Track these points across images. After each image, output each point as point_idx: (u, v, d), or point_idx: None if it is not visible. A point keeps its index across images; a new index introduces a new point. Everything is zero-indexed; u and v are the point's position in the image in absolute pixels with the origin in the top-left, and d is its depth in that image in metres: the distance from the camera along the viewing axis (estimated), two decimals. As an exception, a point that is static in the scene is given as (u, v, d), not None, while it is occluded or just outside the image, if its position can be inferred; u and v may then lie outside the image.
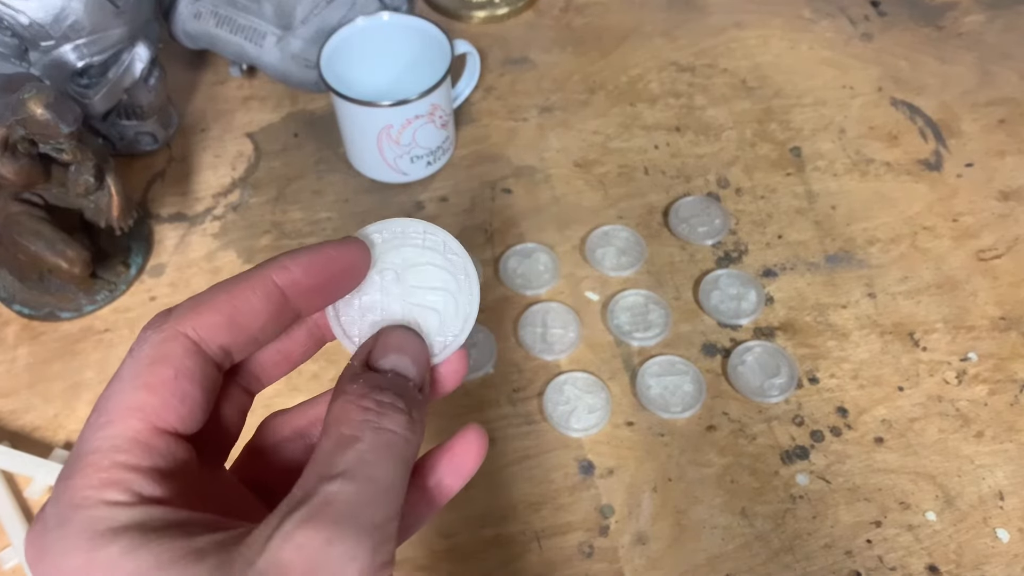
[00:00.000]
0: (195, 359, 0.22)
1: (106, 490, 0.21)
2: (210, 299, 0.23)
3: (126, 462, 0.21)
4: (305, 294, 0.24)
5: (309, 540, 0.19)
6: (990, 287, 0.54)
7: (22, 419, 0.51)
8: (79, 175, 0.49)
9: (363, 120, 0.56)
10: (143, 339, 0.23)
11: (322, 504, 0.20)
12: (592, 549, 0.45)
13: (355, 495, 0.20)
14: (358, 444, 0.21)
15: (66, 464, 0.21)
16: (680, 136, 0.64)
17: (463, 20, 0.73)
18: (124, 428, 0.21)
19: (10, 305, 0.55)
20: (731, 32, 0.71)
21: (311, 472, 0.21)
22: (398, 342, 0.25)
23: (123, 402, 0.22)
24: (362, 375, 0.24)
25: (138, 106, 0.60)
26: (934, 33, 0.70)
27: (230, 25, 0.64)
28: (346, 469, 0.21)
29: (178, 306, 0.23)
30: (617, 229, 0.57)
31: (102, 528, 0.20)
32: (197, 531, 0.20)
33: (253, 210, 0.60)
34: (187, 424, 0.22)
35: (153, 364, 0.22)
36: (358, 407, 0.22)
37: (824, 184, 0.60)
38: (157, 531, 0.20)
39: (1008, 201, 0.59)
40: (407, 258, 0.27)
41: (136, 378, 0.22)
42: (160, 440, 0.22)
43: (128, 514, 0.20)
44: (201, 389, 0.23)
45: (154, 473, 0.21)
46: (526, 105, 0.66)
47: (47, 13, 0.52)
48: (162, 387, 0.22)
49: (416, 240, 0.27)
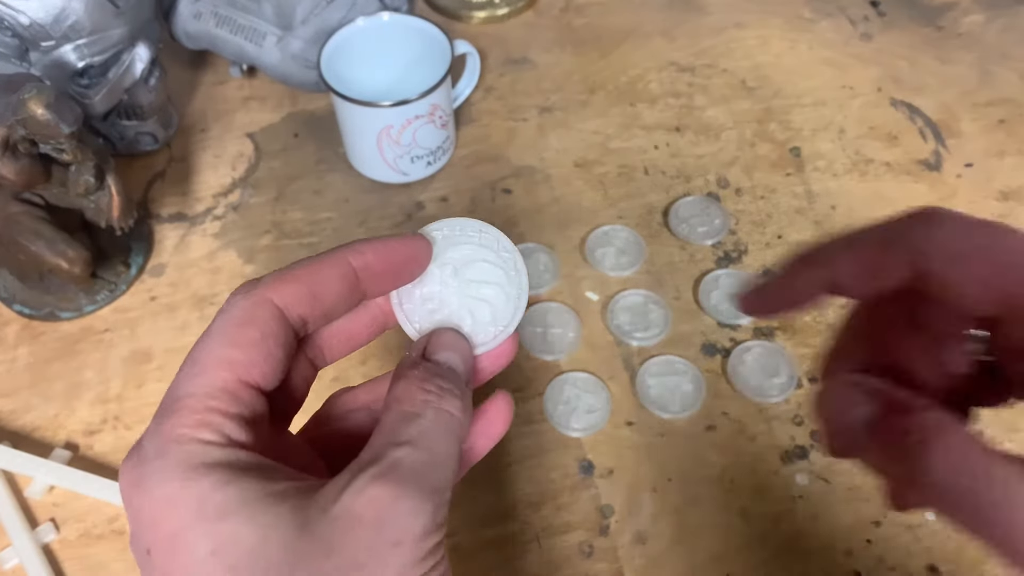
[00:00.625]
0: (279, 323, 0.25)
1: (200, 430, 0.23)
2: (294, 272, 0.26)
3: (217, 407, 0.23)
4: (374, 277, 0.27)
5: (380, 494, 0.22)
6: (990, 287, 0.54)
7: (22, 419, 0.51)
8: (79, 175, 0.49)
9: (363, 120, 0.56)
10: (232, 303, 0.25)
11: (391, 465, 0.23)
12: (592, 549, 0.45)
13: (419, 461, 0.23)
14: (421, 419, 0.24)
15: (161, 405, 0.24)
16: (680, 136, 0.64)
17: (463, 20, 0.73)
18: (215, 378, 0.24)
19: (10, 305, 0.55)
20: (731, 32, 0.71)
21: (378, 439, 0.24)
22: (450, 341, 0.28)
23: (214, 356, 0.24)
24: (422, 363, 0.26)
25: (138, 106, 0.60)
26: (934, 33, 0.70)
27: (230, 25, 0.64)
28: (411, 439, 0.23)
29: (265, 276, 0.26)
30: (617, 229, 0.57)
31: (196, 462, 0.22)
32: (276, 476, 0.23)
33: (253, 210, 0.60)
34: (268, 380, 0.25)
35: (242, 325, 0.24)
36: (420, 389, 0.25)
37: (824, 184, 0.60)
38: (244, 471, 0.22)
39: (1008, 201, 0.59)
40: (464, 254, 0.29)
41: (226, 335, 0.24)
42: (245, 392, 0.24)
43: (219, 453, 0.22)
44: (282, 350, 0.25)
45: (240, 420, 0.24)
46: (526, 105, 0.66)
47: (47, 13, 0.52)
48: (250, 346, 0.24)
49: (473, 238, 0.30)
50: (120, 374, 0.52)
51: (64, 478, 0.47)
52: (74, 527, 0.47)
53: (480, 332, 0.29)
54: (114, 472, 0.48)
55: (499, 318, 0.29)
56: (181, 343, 0.54)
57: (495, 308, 0.29)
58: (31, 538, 0.45)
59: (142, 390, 0.52)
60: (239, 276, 0.57)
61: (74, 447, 0.49)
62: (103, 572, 0.45)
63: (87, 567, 0.45)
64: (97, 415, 0.51)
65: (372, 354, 0.52)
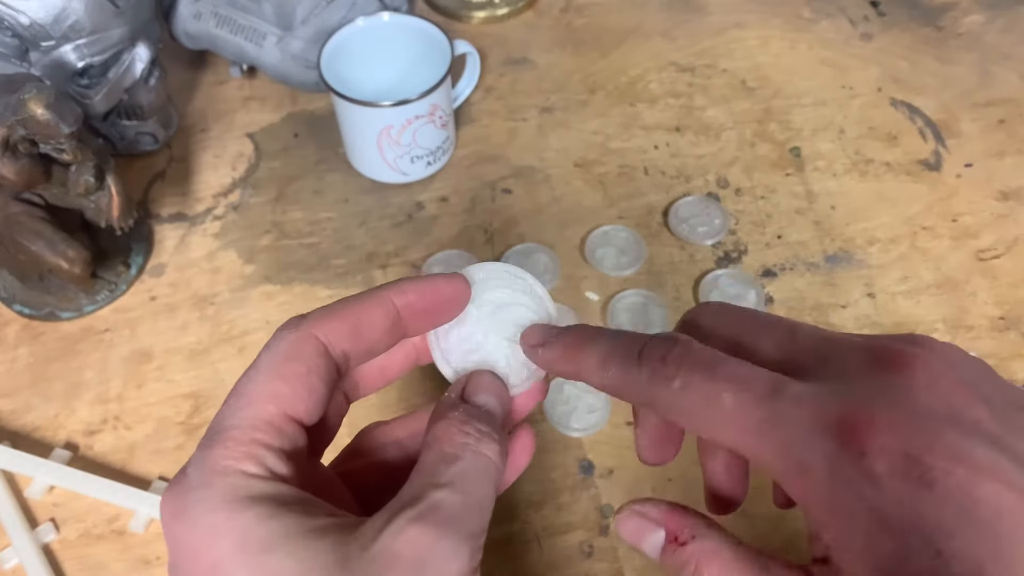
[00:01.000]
0: (323, 359, 0.25)
1: (245, 462, 0.23)
2: (340, 309, 0.26)
3: (261, 440, 0.24)
4: (415, 316, 0.28)
5: (420, 535, 0.22)
6: (990, 287, 0.54)
7: (22, 419, 0.51)
8: (79, 175, 0.49)
9: (363, 120, 0.56)
10: (280, 337, 0.26)
11: (431, 507, 0.23)
12: (592, 549, 0.45)
13: (458, 504, 0.23)
14: (460, 462, 0.24)
15: (205, 435, 0.24)
16: (680, 136, 0.64)
17: (463, 20, 0.73)
18: (261, 411, 0.24)
19: (10, 305, 0.55)
20: (731, 32, 0.71)
21: (417, 479, 0.24)
22: (488, 384, 0.28)
23: (260, 389, 0.25)
24: (461, 405, 0.27)
25: (138, 106, 0.60)
26: (934, 33, 0.70)
27: (230, 25, 0.64)
28: (450, 481, 0.24)
29: (312, 312, 0.26)
30: (617, 229, 0.57)
31: (241, 495, 0.23)
32: (317, 511, 0.23)
33: (253, 210, 0.60)
34: (311, 415, 0.25)
35: (288, 360, 0.25)
36: (460, 431, 0.25)
37: (824, 184, 0.60)
38: (286, 505, 0.23)
39: (1008, 201, 0.59)
40: (501, 297, 0.30)
41: (273, 370, 0.25)
42: (288, 425, 0.25)
43: (263, 486, 0.23)
44: (325, 386, 0.26)
45: (282, 453, 0.24)
46: (526, 105, 0.66)
47: (47, 13, 0.52)
48: (295, 380, 0.25)
49: (509, 282, 0.30)
50: (120, 374, 0.52)
51: (64, 478, 0.47)
52: (74, 527, 0.47)
53: (514, 374, 0.29)
54: (114, 472, 0.48)
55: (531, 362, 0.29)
56: (181, 343, 0.54)
57: None
58: (31, 538, 0.45)
59: (142, 390, 0.52)
60: (239, 276, 0.57)
61: (74, 447, 0.49)
62: (103, 572, 0.45)
63: (87, 567, 0.45)
64: (97, 415, 0.51)
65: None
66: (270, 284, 0.56)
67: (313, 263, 0.57)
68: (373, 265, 0.57)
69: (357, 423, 0.33)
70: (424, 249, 0.57)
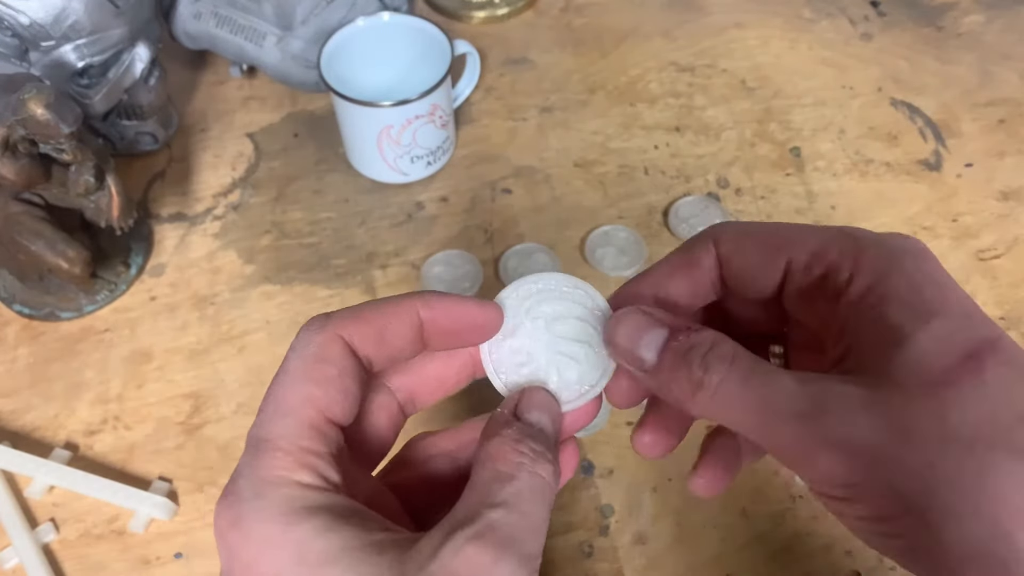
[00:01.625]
0: (352, 360, 0.25)
1: (299, 472, 0.23)
2: (364, 312, 0.26)
3: (309, 447, 0.23)
4: (438, 333, 0.27)
5: (478, 555, 0.22)
6: (990, 287, 0.54)
7: (22, 419, 0.51)
8: (79, 175, 0.49)
9: (363, 120, 0.56)
10: (306, 339, 0.25)
11: (488, 527, 0.22)
12: (592, 549, 0.45)
13: (515, 525, 0.23)
14: (515, 482, 0.24)
15: (249, 446, 0.24)
16: (680, 136, 0.64)
17: (463, 20, 0.73)
18: (303, 417, 0.24)
19: (10, 305, 0.55)
20: (731, 32, 0.71)
21: (472, 498, 0.24)
22: (542, 401, 0.27)
23: (297, 394, 0.24)
24: (515, 423, 0.26)
25: (138, 106, 0.60)
26: (934, 33, 0.70)
27: (230, 25, 0.64)
28: (506, 500, 0.23)
29: (335, 312, 0.26)
30: (617, 229, 0.57)
31: (298, 506, 0.22)
32: (373, 525, 0.23)
33: (253, 210, 0.60)
34: (347, 416, 0.25)
35: (319, 362, 0.25)
36: (514, 450, 0.25)
37: (824, 184, 0.60)
38: (344, 517, 0.22)
39: (1008, 201, 0.59)
40: (556, 310, 0.29)
41: (304, 373, 0.24)
42: (330, 429, 0.24)
43: (320, 498, 0.23)
44: (357, 386, 0.25)
45: (332, 459, 0.24)
46: (526, 105, 0.66)
47: (47, 13, 0.52)
48: (328, 382, 0.24)
49: (567, 293, 0.29)
50: (120, 374, 0.52)
51: (64, 478, 0.47)
52: (74, 527, 0.47)
53: (565, 390, 0.28)
54: (114, 472, 0.48)
55: (585, 378, 0.28)
56: (181, 343, 0.54)
57: (582, 367, 0.29)
58: (31, 538, 0.45)
59: (142, 390, 0.52)
60: (239, 276, 0.57)
61: (74, 447, 0.49)
62: (103, 572, 0.45)
63: (87, 567, 0.45)
64: (97, 415, 0.51)
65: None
66: (270, 284, 0.56)
67: (313, 263, 0.57)
68: (373, 265, 0.57)
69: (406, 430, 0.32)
70: (424, 249, 0.57)
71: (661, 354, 0.25)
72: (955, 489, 0.20)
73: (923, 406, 0.21)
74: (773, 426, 0.23)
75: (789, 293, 0.26)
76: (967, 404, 0.21)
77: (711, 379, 0.24)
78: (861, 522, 0.22)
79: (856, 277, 0.24)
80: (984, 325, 0.22)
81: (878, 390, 0.22)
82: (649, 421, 0.29)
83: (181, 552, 0.46)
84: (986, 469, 0.20)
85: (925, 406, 0.21)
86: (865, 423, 0.21)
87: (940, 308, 0.22)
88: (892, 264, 0.24)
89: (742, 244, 0.27)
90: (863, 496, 0.22)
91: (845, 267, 0.24)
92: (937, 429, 0.21)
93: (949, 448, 0.20)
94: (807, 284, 0.26)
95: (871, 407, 0.21)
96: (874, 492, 0.21)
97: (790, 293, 0.26)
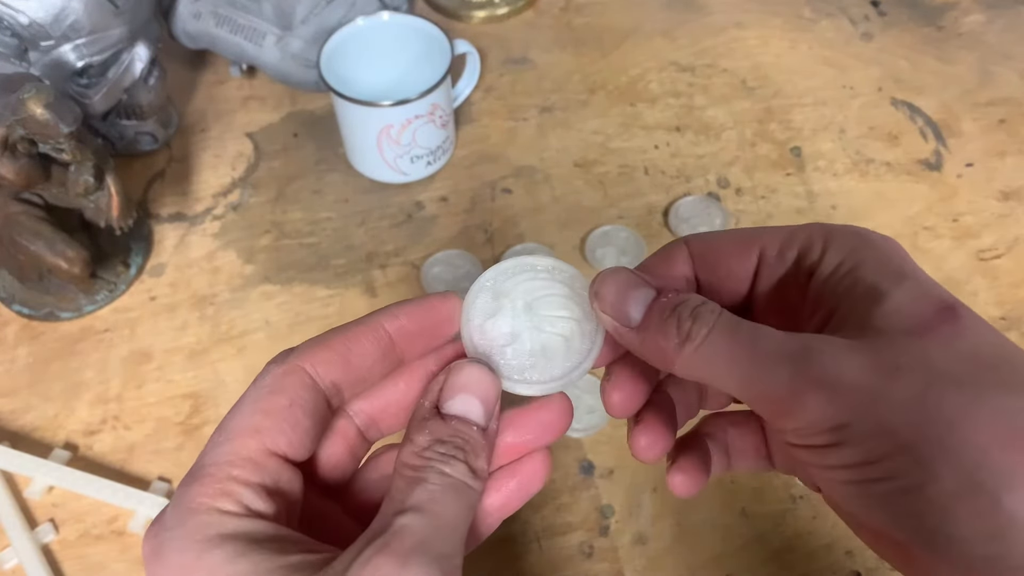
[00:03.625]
0: (309, 392, 0.25)
1: (219, 499, 0.23)
2: (328, 339, 0.26)
3: (239, 476, 0.23)
4: (409, 339, 0.27)
5: (385, 565, 0.21)
6: (990, 287, 0.54)
7: (22, 419, 0.51)
8: (79, 175, 0.49)
9: (363, 120, 0.56)
10: (266, 371, 0.25)
11: (396, 534, 0.22)
12: (592, 549, 0.45)
13: (424, 527, 0.22)
14: (426, 484, 0.23)
15: (188, 474, 0.24)
16: (680, 136, 0.64)
17: (463, 20, 0.73)
18: (240, 446, 0.24)
19: (10, 305, 0.55)
20: (731, 32, 0.71)
21: (387, 506, 0.23)
22: (466, 381, 0.26)
23: (242, 424, 0.24)
24: (428, 423, 0.25)
25: (138, 106, 0.60)
26: (934, 33, 0.70)
27: (230, 25, 0.64)
28: (417, 504, 0.23)
29: (301, 344, 0.26)
30: (617, 229, 0.57)
31: (212, 533, 0.22)
32: (291, 549, 0.23)
33: (253, 210, 0.60)
34: (296, 449, 0.25)
35: (272, 393, 0.25)
36: (421, 455, 0.24)
37: (824, 184, 0.60)
38: (258, 543, 0.22)
39: (1008, 201, 0.59)
40: (536, 288, 0.28)
41: (255, 403, 0.25)
42: (271, 461, 0.24)
43: (235, 524, 0.23)
44: (311, 419, 0.25)
45: (261, 490, 0.24)
46: (526, 105, 0.66)
47: (47, 13, 0.52)
48: (276, 413, 0.24)
49: (545, 274, 0.29)
50: (120, 374, 0.52)
51: (63, 478, 0.47)
52: (73, 527, 0.47)
53: (554, 367, 0.28)
54: (113, 472, 0.48)
55: (573, 352, 0.28)
56: (181, 343, 0.54)
57: (570, 342, 0.28)
58: (30, 538, 0.45)
59: (142, 390, 0.52)
60: (239, 276, 0.57)
61: (74, 447, 0.49)
62: (102, 572, 0.45)
63: (86, 567, 0.45)
64: (97, 415, 0.51)
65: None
66: (270, 284, 0.56)
67: (313, 263, 0.57)
68: (373, 265, 0.57)
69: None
70: (424, 249, 0.57)
71: (648, 311, 0.25)
72: (944, 423, 0.20)
73: (908, 348, 0.22)
74: (761, 373, 0.23)
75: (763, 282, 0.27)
76: (949, 346, 0.22)
77: (699, 330, 0.24)
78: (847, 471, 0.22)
79: (828, 253, 0.25)
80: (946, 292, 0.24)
81: (863, 338, 0.22)
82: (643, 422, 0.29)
83: (181, 552, 0.46)
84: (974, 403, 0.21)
85: (909, 348, 0.22)
86: (854, 362, 0.22)
87: (910, 273, 0.24)
88: (861, 240, 0.25)
89: (714, 242, 0.28)
90: (852, 438, 0.22)
91: (817, 246, 0.25)
92: (923, 367, 0.21)
93: (936, 384, 0.21)
94: (781, 273, 0.26)
95: (858, 349, 0.22)
96: (863, 432, 0.21)
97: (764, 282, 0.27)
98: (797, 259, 0.26)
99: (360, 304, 0.55)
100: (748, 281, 0.27)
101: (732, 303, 0.28)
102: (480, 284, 0.28)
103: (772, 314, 0.27)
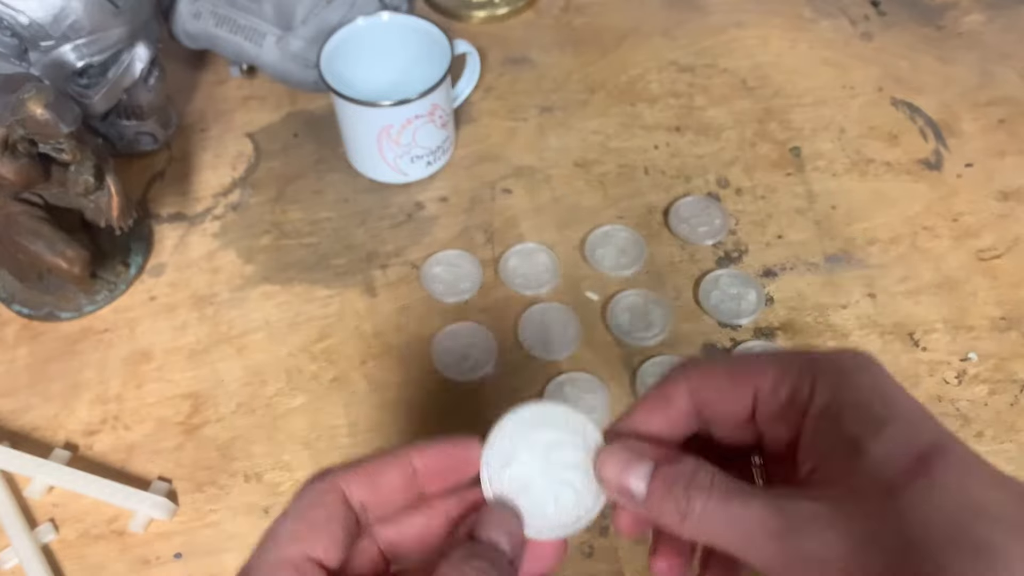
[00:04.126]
0: (343, 508, 0.28)
1: None
2: (362, 463, 0.29)
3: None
4: (431, 475, 0.30)
5: None
6: (990, 287, 0.54)
7: (22, 419, 0.51)
8: (79, 175, 0.49)
9: (363, 120, 0.56)
10: (309, 487, 0.28)
11: None
12: (592, 549, 0.45)
13: None
14: None
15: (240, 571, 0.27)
16: (680, 136, 0.64)
17: (463, 20, 0.73)
18: (285, 553, 0.27)
19: (10, 305, 0.55)
20: (731, 32, 0.71)
21: None
22: (498, 519, 0.29)
23: (285, 532, 0.27)
24: (466, 543, 0.28)
25: (138, 106, 0.60)
26: (934, 33, 0.70)
27: (230, 25, 0.64)
28: None
29: (337, 465, 0.29)
30: (617, 229, 0.57)
31: None
32: None
33: (253, 210, 0.60)
34: (330, 556, 0.27)
35: (312, 506, 0.28)
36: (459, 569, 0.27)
37: (824, 184, 0.60)
38: None
39: (1008, 201, 0.59)
40: (552, 438, 0.30)
41: (297, 514, 0.28)
42: (308, 566, 0.27)
43: None
44: (343, 531, 0.28)
45: None
46: (526, 105, 0.66)
47: (47, 13, 0.52)
48: (316, 524, 0.28)
49: (561, 422, 0.30)
50: (120, 374, 0.52)
51: (63, 478, 0.47)
52: (73, 527, 0.47)
53: (564, 515, 0.30)
54: (113, 472, 0.48)
55: (582, 503, 0.30)
56: (181, 343, 0.54)
57: (579, 493, 0.30)
58: (30, 538, 0.45)
59: (142, 390, 0.52)
60: (239, 276, 0.57)
61: (73, 447, 0.49)
62: (102, 572, 0.45)
63: (86, 567, 0.45)
64: (97, 415, 0.51)
65: (371, 355, 0.52)
66: (270, 284, 0.56)
67: (313, 263, 0.57)
68: (373, 265, 0.57)
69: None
70: (424, 249, 0.57)
71: (651, 485, 0.27)
72: None
73: (883, 513, 0.23)
74: (753, 546, 0.25)
75: (761, 416, 0.28)
76: (924, 503, 0.23)
77: (693, 508, 0.26)
78: None
79: (815, 396, 0.26)
80: (931, 430, 0.25)
81: (842, 504, 0.24)
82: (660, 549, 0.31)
83: (180, 552, 0.46)
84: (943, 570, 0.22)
85: (885, 513, 0.23)
86: (833, 539, 0.23)
87: (889, 417, 0.25)
88: (843, 381, 0.26)
89: (709, 382, 0.29)
90: None
91: (805, 386, 0.27)
92: (897, 535, 0.22)
93: (910, 552, 0.22)
94: (776, 407, 0.28)
95: (836, 524, 0.23)
96: None
97: (762, 416, 0.28)
98: (790, 397, 0.27)
99: (360, 304, 0.55)
100: (747, 414, 0.29)
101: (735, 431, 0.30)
102: (500, 430, 0.30)
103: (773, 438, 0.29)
